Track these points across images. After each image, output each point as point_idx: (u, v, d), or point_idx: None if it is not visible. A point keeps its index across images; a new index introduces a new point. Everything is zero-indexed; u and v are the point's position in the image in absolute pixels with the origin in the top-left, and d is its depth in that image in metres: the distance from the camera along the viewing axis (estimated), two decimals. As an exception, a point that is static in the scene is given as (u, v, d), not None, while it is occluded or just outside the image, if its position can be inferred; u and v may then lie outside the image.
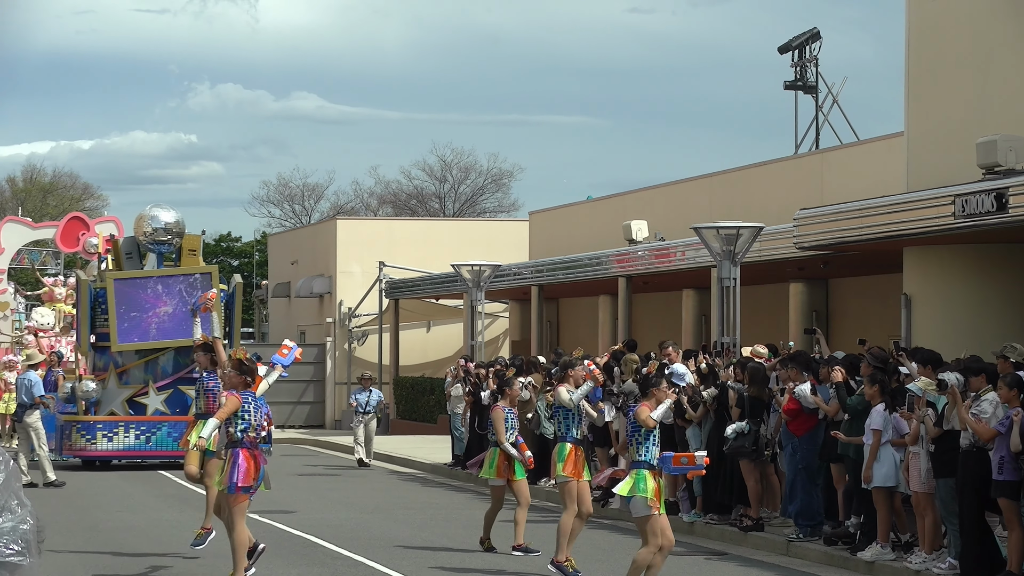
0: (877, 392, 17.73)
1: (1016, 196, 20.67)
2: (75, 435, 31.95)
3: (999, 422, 15.81)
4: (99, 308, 32.42)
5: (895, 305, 25.34)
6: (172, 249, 33.34)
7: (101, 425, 31.82)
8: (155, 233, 33.08)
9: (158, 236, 33.08)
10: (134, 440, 31.79)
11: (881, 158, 29.27)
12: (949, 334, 22.59)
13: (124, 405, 32.17)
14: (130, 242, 33.90)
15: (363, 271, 48.88)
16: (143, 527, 21.67)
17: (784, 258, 28.23)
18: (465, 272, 34.83)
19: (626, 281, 34.43)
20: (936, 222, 22.30)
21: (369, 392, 33.44)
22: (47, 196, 77.19)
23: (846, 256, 27.04)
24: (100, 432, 31.78)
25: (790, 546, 19.33)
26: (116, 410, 32.08)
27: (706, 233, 24.85)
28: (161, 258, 33.23)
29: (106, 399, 32.22)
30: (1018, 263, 23.72)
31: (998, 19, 23.41)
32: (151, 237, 33.12)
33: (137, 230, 33.45)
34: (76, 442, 31.95)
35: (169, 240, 33.21)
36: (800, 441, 19.53)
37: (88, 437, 31.84)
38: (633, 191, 41.10)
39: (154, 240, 33.12)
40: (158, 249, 33.20)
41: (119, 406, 32.15)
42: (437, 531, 21.53)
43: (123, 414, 32.02)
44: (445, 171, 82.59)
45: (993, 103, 23.17)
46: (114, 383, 32.39)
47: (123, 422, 31.85)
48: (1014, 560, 16.01)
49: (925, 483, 16.94)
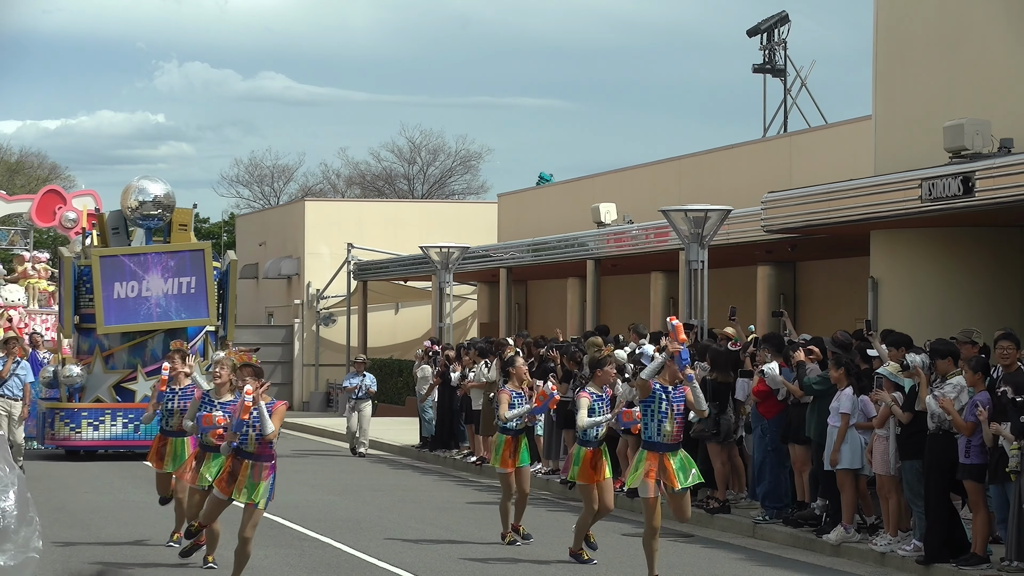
0: (843, 375, 17.77)
1: (982, 180, 20.73)
2: (58, 423, 29.78)
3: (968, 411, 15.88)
4: (84, 287, 30.31)
5: (862, 288, 25.39)
6: (161, 224, 31.28)
7: (86, 413, 29.69)
8: (143, 207, 31.01)
9: (146, 210, 31.02)
10: (121, 429, 29.66)
11: (849, 142, 29.33)
12: (916, 317, 22.66)
13: (111, 391, 30.12)
14: (116, 216, 31.68)
15: (331, 253, 48.77)
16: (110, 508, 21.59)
17: (752, 241, 28.26)
18: (434, 254, 34.78)
19: (595, 263, 34.44)
20: (903, 206, 22.35)
21: (363, 376, 31.90)
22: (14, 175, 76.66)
23: (814, 239, 27.08)
24: (85, 420, 29.63)
25: (756, 528, 19.38)
26: (102, 396, 30.03)
27: (674, 216, 24.85)
28: (150, 233, 31.21)
29: (91, 385, 30.17)
30: (984, 246, 23.80)
31: (966, 4, 23.44)
32: (139, 211, 31.06)
33: (124, 203, 31.31)
34: (59, 431, 29.77)
35: (158, 214, 31.16)
36: (769, 423, 19.57)
37: (72, 425, 29.68)
38: (602, 173, 41.13)
39: (142, 214, 31.06)
40: (147, 224, 31.17)
41: (105, 392, 30.09)
42: (404, 512, 21.52)
43: (110, 401, 29.95)
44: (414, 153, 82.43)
45: (960, 88, 23.21)
46: (100, 367, 30.34)
47: (110, 409, 29.74)
48: (979, 542, 16.08)
49: (890, 466, 16.99)
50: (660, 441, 14.82)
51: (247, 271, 54.81)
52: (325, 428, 37.51)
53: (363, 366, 32.52)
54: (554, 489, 24.31)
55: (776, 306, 29.52)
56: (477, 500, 23.35)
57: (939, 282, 23.79)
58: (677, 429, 14.95)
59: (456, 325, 42.88)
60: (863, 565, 17.00)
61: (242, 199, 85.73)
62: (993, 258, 23.81)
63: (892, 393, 16.82)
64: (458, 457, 29.26)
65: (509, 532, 18.25)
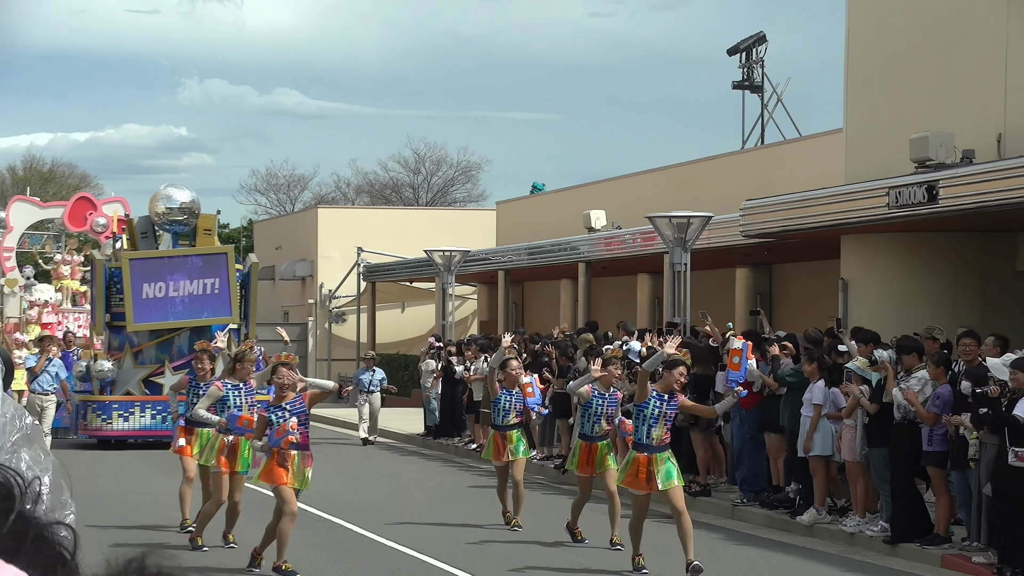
0: (815, 369, 17.77)
1: (945, 188, 20.71)
2: (91, 415, 29.73)
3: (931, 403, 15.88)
4: (114, 288, 30.23)
5: (833, 289, 25.37)
6: (187, 229, 31.16)
7: (117, 405, 29.62)
8: (169, 213, 30.96)
9: (173, 216, 30.97)
10: (150, 420, 29.62)
11: (822, 153, 29.30)
12: (883, 316, 22.64)
13: (140, 385, 30.04)
14: (145, 222, 31.50)
15: (342, 256, 48.70)
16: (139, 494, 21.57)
17: (731, 245, 28.24)
18: (437, 257, 34.74)
19: (586, 266, 34.43)
20: (872, 212, 22.33)
21: (372, 371, 31.89)
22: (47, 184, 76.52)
23: (788, 243, 27.06)
24: (116, 412, 29.56)
25: (735, 510, 19.37)
26: (132, 390, 29.96)
27: (659, 222, 24.85)
28: (176, 238, 31.12)
29: (122, 379, 30.05)
30: (947, 250, 23.79)
31: (931, 27, 23.44)
32: (166, 217, 31.00)
33: (152, 210, 31.26)
34: (92, 422, 29.72)
35: (184, 220, 31.05)
36: (748, 413, 19.57)
37: (104, 417, 29.59)
38: (592, 183, 41.09)
39: (169, 220, 31.00)
40: (173, 229, 31.10)
41: (135, 386, 30.02)
42: (410, 496, 21.51)
43: (139, 394, 29.89)
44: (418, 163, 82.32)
45: (926, 103, 23.20)
46: (130, 363, 30.19)
47: (139, 402, 29.71)
48: (941, 523, 16.08)
49: (858, 453, 16.99)
50: (649, 444, 14.63)
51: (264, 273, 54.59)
52: (337, 418, 37.43)
53: (372, 362, 32.60)
54: (548, 475, 24.28)
55: (754, 305, 29.50)
56: (477, 484, 23.32)
57: (905, 283, 23.78)
58: (665, 433, 14.76)
59: (457, 323, 42.82)
60: (834, 544, 17.00)
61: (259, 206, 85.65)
62: (955, 261, 23.80)
63: (860, 386, 16.82)
64: (460, 445, 29.23)
65: (508, 511, 18.18)
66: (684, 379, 15.07)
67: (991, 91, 22.15)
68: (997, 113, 22.00)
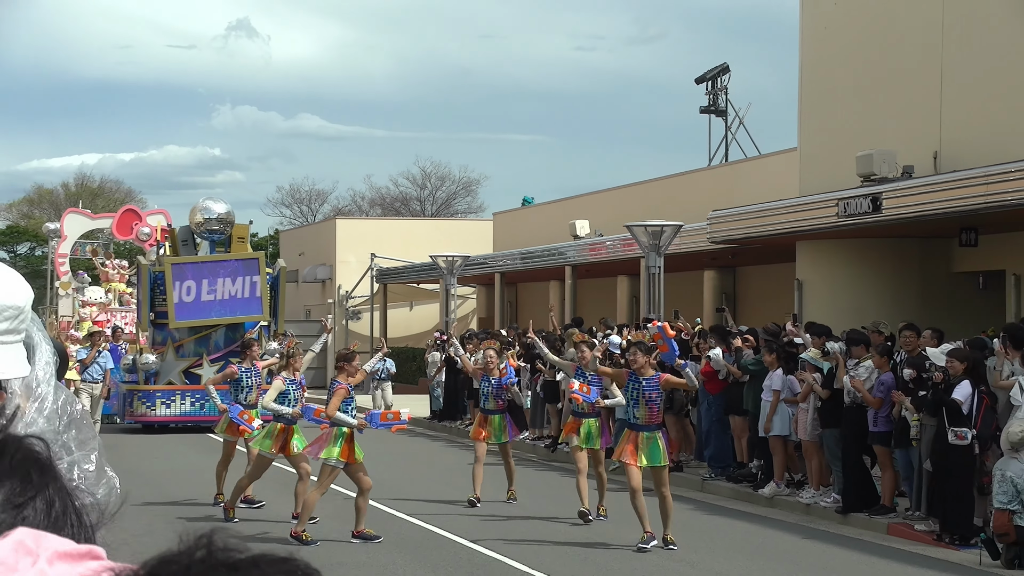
0: (775, 359, 17.72)
1: (889, 200, 20.67)
2: (136, 402, 29.63)
3: (876, 388, 15.83)
4: (158, 289, 29.99)
5: (790, 288, 25.35)
6: (223, 237, 30.94)
7: (160, 394, 29.43)
8: (207, 223, 30.72)
9: (210, 225, 30.73)
10: (190, 407, 29.39)
11: (779, 168, 29.25)
12: (833, 312, 22.61)
13: (181, 376, 29.77)
14: (186, 231, 31.35)
15: (358, 261, 48.62)
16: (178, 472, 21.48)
17: (700, 250, 28.19)
18: (441, 262, 34.68)
19: (572, 269, 34.36)
20: (823, 221, 22.29)
21: (384, 361, 31.19)
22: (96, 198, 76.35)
23: (750, 248, 27.02)
24: (159, 400, 29.42)
25: (704, 484, 19.31)
26: (173, 380, 29.75)
27: (636, 230, 24.79)
28: (213, 245, 30.89)
29: (164, 370, 29.85)
30: (890, 254, 23.76)
31: (876, 57, 23.41)
32: (204, 226, 30.79)
33: (191, 220, 31.10)
34: (137, 409, 29.60)
35: (220, 229, 30.81)
36: (714, 398, 19.52)
37: (148, 404, 29.44)
38: (577, 196, 41.01)
39: (207, 229, 30.78)
40: (210, 237, 30.89)
41: (176, 376, 29.78)
42: (417, 472, 21.43)
43: (180, 383, 29.68)
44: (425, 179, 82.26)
45: (870, 123, 23.17)
46: (172, 356, 30.00)
47: (180, 391, 29.47)
48: (887, 495, 16.04)
49: (812, 433, 16.94)
50: (635, 422, 14.29)
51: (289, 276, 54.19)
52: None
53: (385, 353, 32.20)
54: (540, 453, 24.20)
55: (719, 304, 29.45)
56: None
57: (853, 283, 23.75)
58: (650, 413, 14.20)
59: (459, 319, 42.76)
60: (792, 514, 16.93)
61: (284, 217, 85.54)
62: (897, 264, 23.77)
63: (814, 374, 16.77)
64: (461, 427, 29.13)
65: (477, 494, 17.41)
66: (638, 358, 14.42)
67: (928, 114, 22.12)
68: (934, 133, 21.97)
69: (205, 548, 1.32)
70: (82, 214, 44.25)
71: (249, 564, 1.30)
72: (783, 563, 13.47)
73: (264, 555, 1.32)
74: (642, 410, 14.23)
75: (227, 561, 1.31)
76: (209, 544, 1.32)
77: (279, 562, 1.32)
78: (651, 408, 14.24)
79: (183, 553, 1.33)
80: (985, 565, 13.22)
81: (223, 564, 1.30)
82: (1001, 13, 20.94)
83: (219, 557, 1.32)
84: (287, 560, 1.32)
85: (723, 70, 44.84)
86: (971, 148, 20.96)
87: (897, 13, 23.03)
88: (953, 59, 21.70)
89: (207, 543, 1.32)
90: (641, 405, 14.23)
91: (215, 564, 1.31)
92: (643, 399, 14.21)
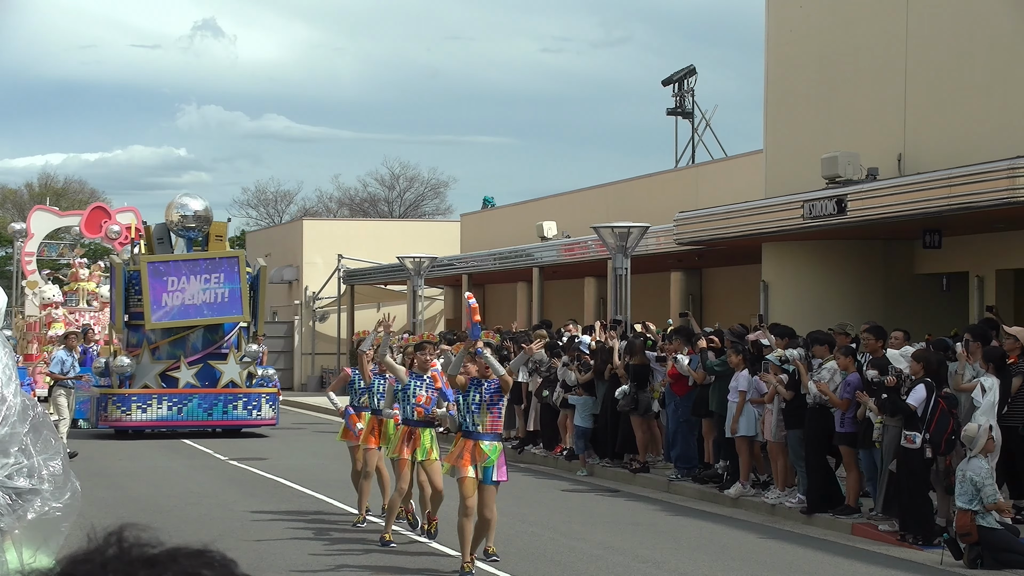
0: (741, 360, 17.77)
1: (853, 202, 20.77)
2: (111, 407, 28.46)
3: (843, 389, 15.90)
4: (133, 289, 28.94)
5: (756, 289, 25.42)
6: (200, 235, 29.98)
7: (136, 397, 28.42)
8: (184, 220, 29.77)
9: (187, 223, 29.78)
10: (166, 411, 28.47)
11: (744, 171, 29.36)
12: (798, 313, 22.70)
13: (157, 379, 28.75)
14: (161, 228, 30.30)
15: (325, 262, 48.49)
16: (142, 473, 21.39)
17: (667, 252, 28.25)
18: (408, 263, 34.66)
19: (539, 270, 34.37)
20: (788, 223, 22.38)
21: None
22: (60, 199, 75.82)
23: (716, 250, 27.10)
24: (135, 404, 28.38)
25: (670, 485, 19.34)
26: (149, 383, 28.70)
27: (603, 231, 24.83)
28: (190, 243, 29.96)
29: (140, 373, 28.76)
30: (854, 256, 23.87)
31: (839, 61, 23.52)
32: (180, 224, 29.83)
33: (168, 217, 30.06)
34: (112, 413, 28.45)
35: (197, 227, 29.88)
36: (681, 400, 19.54)
37: (123, 408, 28.37)
38: (545, 197, 41.06)
39: (184, 227, 29.82)
40: (187, 235, 29.93)
41: (152, 380, 28.73)
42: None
43: (156, 387, 28.69)
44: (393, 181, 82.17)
45: (835, 126, 23.28)
46: (147, 358, 28.87)
47: (156, 394, 28.51)
48: (851, 495, 16.11)
49: (778, 434, 16.99)
50: (473, 430, 12.66)
51: (256, 277, 54.37)
52: (320, 405, 37.22)
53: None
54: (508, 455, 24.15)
55: (686, 306, 29.52)
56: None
57: (818, 285, 23.84)
58: (491, 420, 12.71)
59: (427, 321, 42.71)
60: (757, 514, 16.99)
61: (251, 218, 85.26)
62: (861, 265, 23.88)
63: (778, 375, 16.82)
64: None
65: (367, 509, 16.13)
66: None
67: (892, 117, 22.25)
68: (897, 136, 22.09)
69: (116, 545, 1.31)
70: (50, 211, 43.75)
71: (167, 558, 1.30)
72: (748, 563, 13.51)
73: (180, 548, 1.32)
74: (483, 416, 12.72)
75: (142, 557, 1.30)
76: (119, 541, 1.31)
77: (196, 555, 1.31)
78: (494, 415, 12.78)
79: (94, 551, 1.32)
80: (947, 565, 13.30)
81: (138, 560, 1.29)
82: (963, 17, 21.07)
83: (133, 553, 1.31)
84: (203, 552, 1.32)
85: (689, 72, 44.98)
86: (934, 150, 21.09)
87: (861, 17, 23.16)
88: (916, 63, 21.83)
89: (117, 540, 1.31)
90: (482, 411, 12.71)
91: (131, 560, 1.30)
92: (485, 405, 12.74)
